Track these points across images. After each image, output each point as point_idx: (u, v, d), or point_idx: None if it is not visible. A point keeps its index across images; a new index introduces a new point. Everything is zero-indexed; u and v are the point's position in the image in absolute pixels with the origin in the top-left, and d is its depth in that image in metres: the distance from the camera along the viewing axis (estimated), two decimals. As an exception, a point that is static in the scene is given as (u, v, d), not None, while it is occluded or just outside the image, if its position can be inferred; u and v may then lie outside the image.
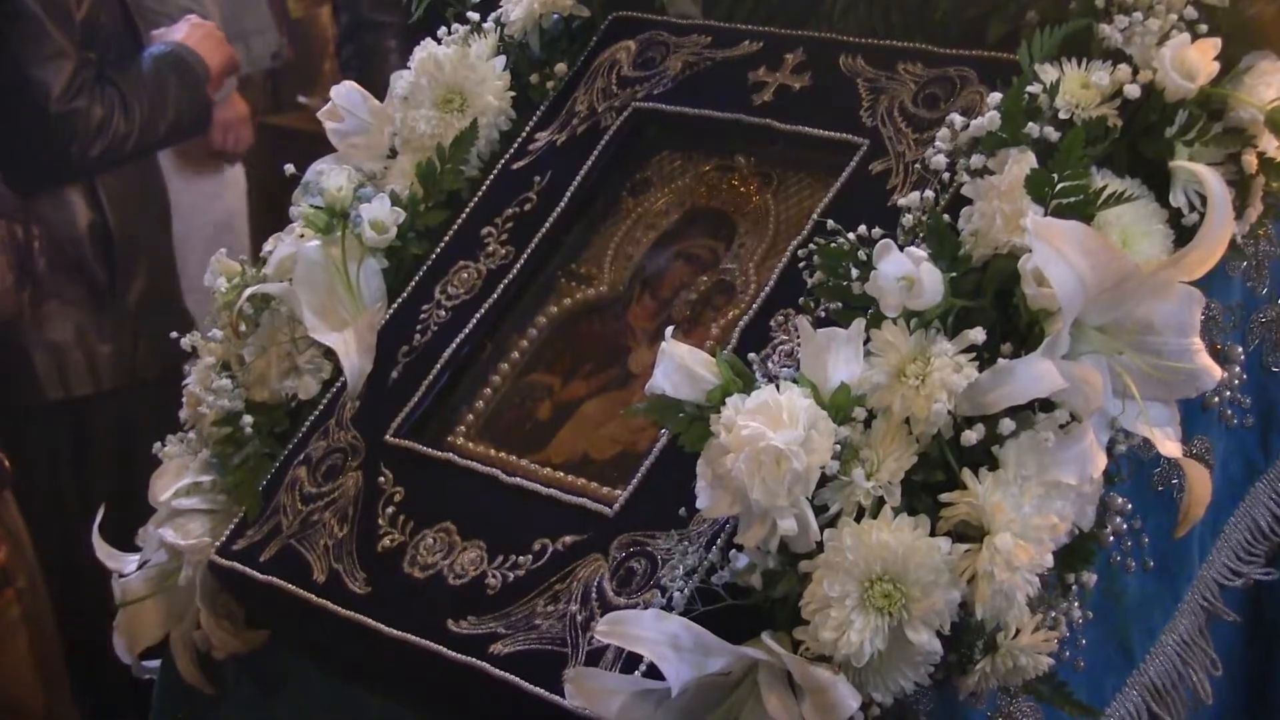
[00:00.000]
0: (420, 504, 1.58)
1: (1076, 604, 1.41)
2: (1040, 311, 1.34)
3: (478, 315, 1.70)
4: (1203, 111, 1.45)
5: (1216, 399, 1.52)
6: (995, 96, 1.47)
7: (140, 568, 1.75)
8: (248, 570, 1.62)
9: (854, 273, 1.43)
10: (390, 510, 1.59)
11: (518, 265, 1.72)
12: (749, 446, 1.31)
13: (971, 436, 1.31)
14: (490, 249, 1.75)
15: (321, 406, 1.71)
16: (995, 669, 1.34)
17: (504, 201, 1.78)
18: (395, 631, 1.50)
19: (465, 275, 1.74)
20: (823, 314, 1.47)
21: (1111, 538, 1.43)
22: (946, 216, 1.44)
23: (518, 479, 1.56)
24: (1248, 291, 1.55)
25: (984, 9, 1.61)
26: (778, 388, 1.35)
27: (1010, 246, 1.38)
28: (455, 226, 1.78)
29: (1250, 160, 1.45)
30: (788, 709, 1.30)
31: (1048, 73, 1.46)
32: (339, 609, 1.54)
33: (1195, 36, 1.45)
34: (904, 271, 1.34)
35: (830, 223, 1.50)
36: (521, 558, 1.48)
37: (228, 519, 1.69)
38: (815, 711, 1.29)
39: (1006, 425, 1.31)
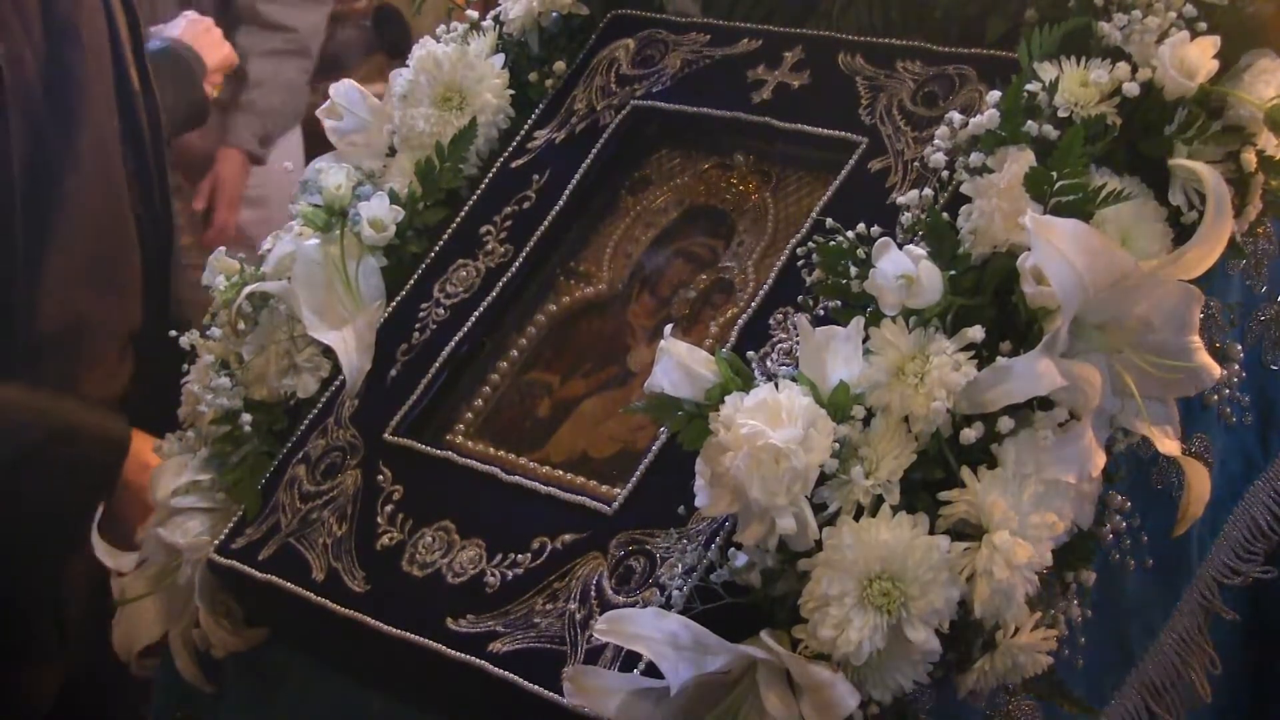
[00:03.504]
0: (419, 502, 1.58)
1: (1075, 602, 1.41)
2: (1039, 310, 1.34)
3: (477, 313, 1.70)
4: (1202, 109, 1.44)
5: (1215, 397, 1.52)
6: (994, 95, 1.47)
7: (139, 566, 1.75)
8: (246, 569, 1.62)
9: (853, 271, 1.43)
10: (389, 508, 1.59)
11: (516, 263, 1.72)
12: (748, 445, 1.31)
13: (970, 435, 1.32)
14: (489, 247, 1.75)
15: (320, 405, 1.71)
16: (994, 667, 1.34)
17: (503, 200, 1.78)
18: (394, 630, 1.50)
19: (464, 273, 1.74)
20: (822, 312, 1.47)
21: (1110, 536, 1.44)
22: (945, 215, 1.44)
23: (517, 477, 1.56)
24: (1247, 290, 1.55)
25: (983, 7, 1.61)
26: (777, 386, 1.35)
27: (1009, 244, 1.38)
28: (454, 225, 1.78)
29: (1249, 158, 1.45)
30: (787, 707, 1.30)
31: (1047, 71, 1.46)
32: (338, 607, 1.54)
33: (1194, 34, 1.45)
34: (903, 269, 1.34)
35: (829, 221, 1.50)
36: (520, 556, 1.48)
37: (226, 517, 1.68)
38: (814, 710, 1.29)
39: (1005, 423, 1.31)
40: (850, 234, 1.45)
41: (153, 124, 2.15)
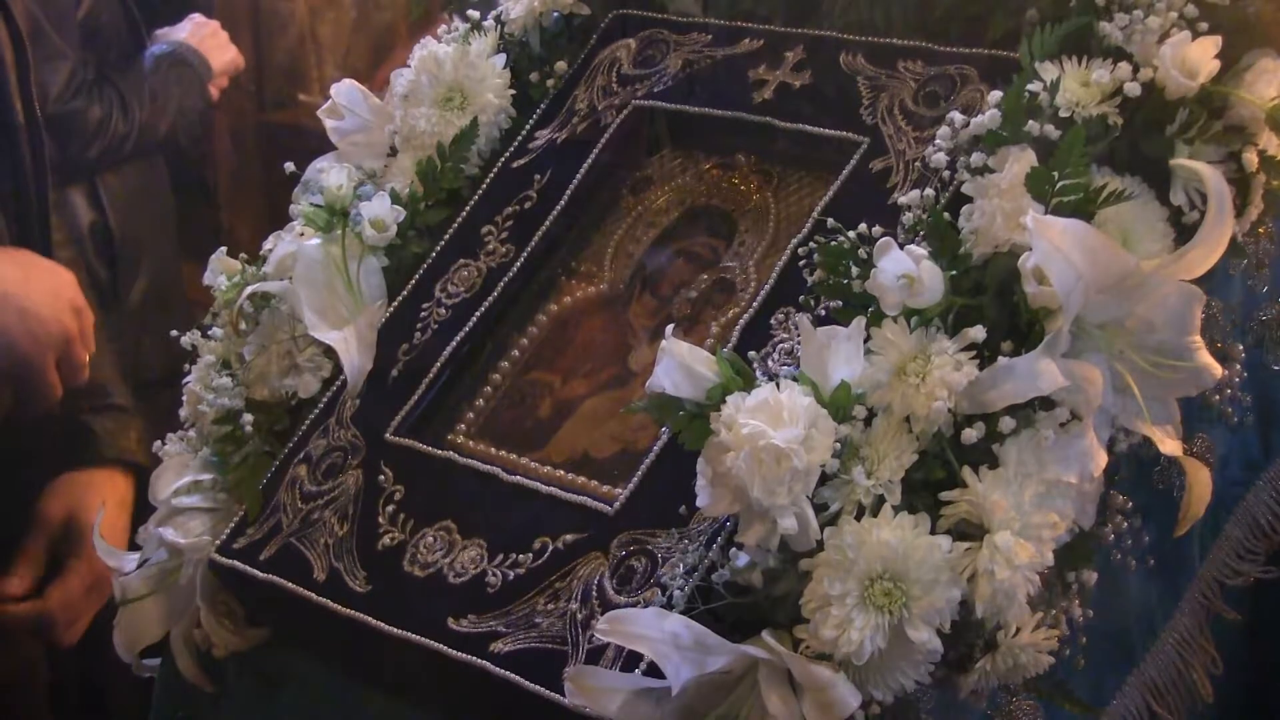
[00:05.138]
0: (420, 502, 1.58)
1: (1077, 602, 1.41)
2: (1040, 309, 1.34)
3: (478, 313, 1.70)
4: (1203, 109, 1.44)
5: (1217, 397, 1.52)
6: (996, 94, 1.47)
7: (140, 566, 1.75)
8: (248, 569, 1.62)
9: (854, 271, 1.43)
10: (390, 509, 1.59)
11: (518, 263, 1.72)
12: (749, 445, 1.30)
13: (972, 434, 1.31)
14: (490, 247, 1.75)
15: (321, 405, 1.71)
16: (996, 667, 1.34)
17: (504, 199, 1.78)
18: (395, 630, 1.50)
19: (465, 273, 1.74)
20: (823, 312, 1.47)
21: (1112, 536, 1.43)
22: (947, 214, 1.44)
23: (518, 477, 1.56)
24: (1248, 290, 1.55)
25: (985, 7, 1.61)
26: (778, 386, 1.35)
27: (1011, 244, 1.38)
28: (455, 225, 1.78)
29: (1251, 158, 1.45)
30: (788, 707, 1.30)
31: (1048, 71, 1.46)
32: (339, 607, 1.54)
33: (1195, 34, 1.45)
34: (904, 269, 1.34)
35: (830, 221, 1.50)
36: (522, 556, 1.48)
37: (228, 517, 1.69)
38: (815, 710, 1.29)
39: (1007, 423, 1.31)
40: (851, 234, 1.45)
41: (36, 158, 2.10)
